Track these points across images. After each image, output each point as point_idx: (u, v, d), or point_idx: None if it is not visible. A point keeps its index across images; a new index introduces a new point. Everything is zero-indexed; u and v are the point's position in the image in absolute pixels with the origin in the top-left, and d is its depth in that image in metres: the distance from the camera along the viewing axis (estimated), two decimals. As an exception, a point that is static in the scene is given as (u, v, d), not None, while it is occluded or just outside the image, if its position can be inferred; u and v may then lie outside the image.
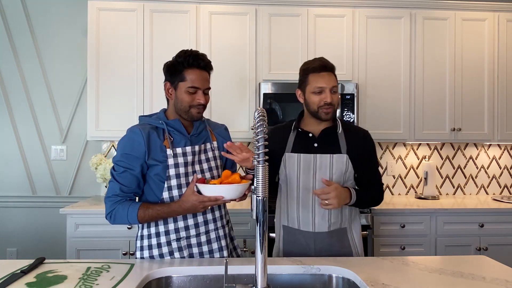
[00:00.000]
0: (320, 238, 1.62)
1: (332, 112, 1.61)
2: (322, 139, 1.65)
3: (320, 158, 1.62)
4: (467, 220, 2.68)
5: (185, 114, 1.50)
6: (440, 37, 2.98)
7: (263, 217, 1.09)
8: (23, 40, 3.13)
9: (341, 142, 1.64)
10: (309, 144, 1.65)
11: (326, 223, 1.62)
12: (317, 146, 1.64)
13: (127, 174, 1.44)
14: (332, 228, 1.63)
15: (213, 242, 1.53)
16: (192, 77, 1.46)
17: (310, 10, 2.88)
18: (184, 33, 2.82)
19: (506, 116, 3.02)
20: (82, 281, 1.22)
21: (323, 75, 1.60)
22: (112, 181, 1.46)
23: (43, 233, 3.13)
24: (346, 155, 1.62)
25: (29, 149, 3.15)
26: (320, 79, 1.60)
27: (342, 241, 1.65)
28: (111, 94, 2.79)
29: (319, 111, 1.61)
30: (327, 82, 1.59)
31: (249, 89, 2.86)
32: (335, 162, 1.61)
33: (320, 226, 1.62)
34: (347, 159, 1.62)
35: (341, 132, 1.66)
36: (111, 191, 1.45)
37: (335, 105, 1.62)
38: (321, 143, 1.65)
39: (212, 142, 1.60)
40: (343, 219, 1.65)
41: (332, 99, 1.60)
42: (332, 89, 1.60)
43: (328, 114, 1.61)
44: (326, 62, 1.64)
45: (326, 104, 1.59)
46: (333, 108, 1.61)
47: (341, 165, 1.62)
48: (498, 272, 1.32)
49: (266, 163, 1.08)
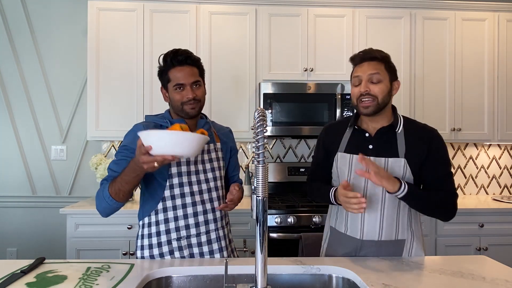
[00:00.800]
0: (367, 246, 1.49)
1: (373, 105, 1.42)
2: (377, 139, 1.48)
3: (374, 161, 1.43)
4: (467, 220, 2.68)
5: (181, 113, 1.51)
6: (440, 37, 2.98)
7: (263, 217, 1.09)
8: (23, 40, 3.13)
9: (399, 143, 1.45)
10: (363, 145, 1.50)
11: (376, 231, 1.46)
12: (372, 147, 1.47)
13: (123, 162, 1.41)
14: (383, 238, 1.47)
15: (214, 242, 1.53)
16: (176, 75, 1.48)
17: (310, 10, 2.89)
18: (184, 33, 2.82)
19: (506, 116, 3.02)
20: (82, 281, 1.22)
21: (361, 65, 1.46)
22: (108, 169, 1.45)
23: (43, 233, 3.13)
24: (404, 159, 1.43)
25: (29, 149, 3.15)
26: (357, 69, 1.46)
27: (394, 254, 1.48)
28: (111, 94, 2.80)
29: (358, 105, 1.46)
30: (363, 71, 1.43)
31: (249, 89, 2.86)
32: (391, 166, 1.43)
33: (369, 234, 1.47)
34: (405, 164, 1.43)
35: (401, 132, 1.47)
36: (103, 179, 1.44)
37: (378, 95, 1.42)
38: (377, 144, 1.47)
39: (216, 143, 1.61)
40: (399, 229, 1.47)
41: (368, 88, 1.42)
42: (370, 78, 1.42)
43: (368, 108, 1.43)
44: (368, 50, 1.47)
45: (362, 95, 1.43)
46: (374, 101, 1.42)
47: (397, 170, 1.43)
48: (498, 272, 1.32)
49: (266, 163, 1.08)
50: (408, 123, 1.51)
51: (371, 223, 1.47)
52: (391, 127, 1.48)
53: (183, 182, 1.48)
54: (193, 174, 1.51)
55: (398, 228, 1.48)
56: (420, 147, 1.44)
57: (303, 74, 2.88)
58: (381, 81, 1.43)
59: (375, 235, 1.47)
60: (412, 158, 1.43)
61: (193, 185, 1.49)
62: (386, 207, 1.46)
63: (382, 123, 1.49)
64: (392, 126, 1.48)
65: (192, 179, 1.50)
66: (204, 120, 1.58)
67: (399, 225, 1.48)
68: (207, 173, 1.54)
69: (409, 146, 1.44)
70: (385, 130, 1.48)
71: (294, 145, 3.26)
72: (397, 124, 1.48)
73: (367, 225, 1.48)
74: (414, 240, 1.50)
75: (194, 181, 1.50)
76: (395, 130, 1.48)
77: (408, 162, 1.43)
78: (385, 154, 1.45)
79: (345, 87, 2.81)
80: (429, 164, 1.44)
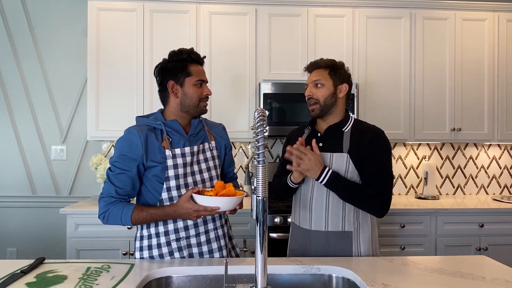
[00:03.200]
0: (317, 237, 1.60)
1: (317, 108, 1.60)
2: (326, 137, 1.63)
3: (321, 156, 1.57)
4: (467, 220, 2.68)
5: (195, 109, 1.52)
6: (440, 37, 2.98)
7: (263, 217, 1.09)
8: (23, 40, 3.13)
9: (344, 140, 1.59)
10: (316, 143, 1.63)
11: (322, 221, 1.58)
12: (322, 145, 1.61)
13: (123, 176, 1.45)
14: (330, 229, 1.58)
15: (213, 241, 1.53)
16: (197, 71, 1.52)
17: (310, 10, 2.89)
18: (184, 33, 2.82)
19: (506, 116, 3.02)
20: (82, 281, 1.22)
21: (310, 74, 1.66)
22: (107, 182, 1.46)
23: (43, 233, 3.13)
24: (347, 154, 1.56)
25: (29, 149, 3.15)
26: (308, 77, 1.66)
27: (343, 245, 1.57)
28: (111, 94, 2.80)
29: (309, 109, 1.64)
30: (309, 79, 1.63)
31: (249, 89, 2.86)
32: (335, 161, 1.57)
33: (317, 225, 1.59)
34: (348, 158, 1.55)
35: (348, 130, 1.61)
36: (106, 191, 1.46)
37: (319, 99, 1.59)
38: (326, 141, 1.62)
39: (210, 142, 1.60)
40: (345, 220, 1.58)
41: (311, 92, 1.60)
42: (314, 84, 1.61)
43: (313, 111, 1.61)
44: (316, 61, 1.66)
45: (308, 99, 1.61)
46: (317, 104, 1.59)
47: (340, 164, 1.56)
48: (498, 272, 1.32)
49: (266, 163, 1.08)
50: (358, 123, 1.64)
51: (317, 213, 1.59)
52: (338, 127, 1.62)
53: (180, 184, 1.47)
54: (190, 176, 1.50)
55: (344, 219, 1.58)
56: (362, 144, 1.57)
57: (303, 74, 2.86)
58: (323, 85, 1.59)
59: (322, 226, 1.58)
60: (354, 154, 1.56)
61: (190, 187, 1.49)
62: (331, 198, 1.57)
63: (331, 123, 1.63)
64: (338, 125, 1.62)
65: (189, 181, 1.50)
66: (197, 119, 1.57)
67: (345, 216, 1.58)
68: (203, 173, 1.54)
69: (353, 143, 1.57)
70: (332, 128, 1.63)
71: (294, 145, 3.26)
72: (345, 124, 1.62)
73: (314, 215, 1.60)
74: (360, 233, 1.59)
75: (191, 182, 1.50)
76: (342, 129, 1.61)
77: (351, 157, 1.55)
78: (331, 150, 1.59)
79: (345, 87, 2.81)
80: (367, 161, 1.55)
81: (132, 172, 1.45)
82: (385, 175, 1.57)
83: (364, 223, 1.60)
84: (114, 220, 1.44)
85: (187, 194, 1.37)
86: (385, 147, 1.60)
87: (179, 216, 1.41)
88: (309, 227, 1.61)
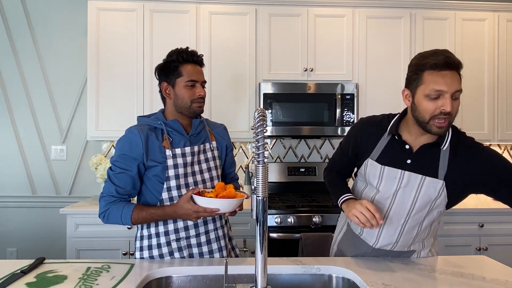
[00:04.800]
0: (378, 253, 1.46)
1: (447, 125, 1.24)
2: (419, 155, 1.33)
3: (408, 176, 1.33)
4: (467, 220, 2.68)
5: (187, 110, 1.50)
6: (440, 37, 2.98)
7: (263, 217, 1.09)
8: (23, 40, 3.13)
9: (441, 162, 1.30)
10: (401, 157, 1.36)
11: (392, 242, 1.42)
12: (410, 162, 1.34)
13: (124, 175, 1.45)
14: (397, 249, 1.44)
15: (213, 242, 1.53)
16: (189, 71, 1.48)
17: (310, 10, 2.88)
18: (184, 33, 2.82)
19: (506, 116, 3.01)
20: (82, 281, 1.22)
21: (444, 74, 1.20)
22: (107, 181, 1.46)
23: (43, 233, 3.12)
24: (443, 181, 1.30)
25: (29, 149, 3.15)
26: (440, 79, 1.20)
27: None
28: (111, 94, 2.80)
29: (430, 122, 1.24)
30: (449, 85, 1.19)
31: (249, 89, 2.86)
32: (426, 185, 1.32)
33: (384, 244, 1.43)
34: (443, 186, 1.30)
35: (446, 149, 1.31)
36: (106, 191, 1.46)
37: (454, 115, 1.23)
38: (417, 160, 1.33)
39: (211, 142, 1.60)
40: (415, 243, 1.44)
41: (452, 107, 1.20)
42: (454, 95, 1.21)
43: (442, 128, 1.23)
44: (450, 55, 1.21)
45: (442, 114, 1.21)
46: (449, 120, 1.23)
47: (432, 191, 1.32)
48: (498, 272, 1.32)
49: (266, 163, 1.08)
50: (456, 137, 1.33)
51: (389, 234, 1.42)
52: (437, 144, 1.32)
53: (180, 184, 1.47)
54: (190, 176, 1.50)
55: (415, 240, 1.44)
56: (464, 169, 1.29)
57: (303, 74, 2.88)
58: (458, 98, 1.23)
59: (390, 246, 1.44)
60: (452, 180, 1.30)
61: (190, 187, 1.49)
62: (409, 223, 1.39)
63: (429, 139, 1.33)
64: (437, 144, 1.32)
65: (189, 181, 1.49)
66: (198, 119, 1.56)
67: (415, 239, 1.44)
68: (204, 174, 1.54)
69: (451, 167, 1.30)
70: (429, 147, 1.33)
71: (294, 145, 3.26)
72: (444, 140, 1.32)
73: (384, 235, 1.42)
74: (422, 251, 1.48)
75: (191, 182, 1.50)
76: (440, 147, 1.33)
77: (447, 185, 1.31)
78: (423, 172, 1.32)
79: (345, 87, 2.81)
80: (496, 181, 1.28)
81: (132, 171, 1.45)
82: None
83: (429, 242, 1.48)
84: (114, 219, 1.44)
85: (187, 195, 1.37)
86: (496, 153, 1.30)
87: (179, 216, 1.41)
88: (374, 244, 1.44)
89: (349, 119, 2.81)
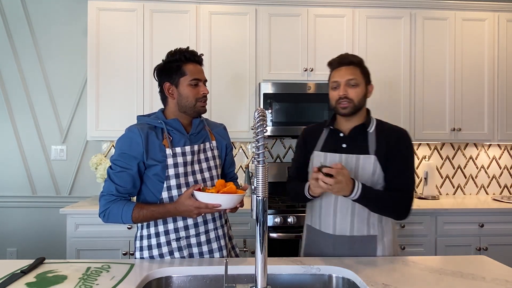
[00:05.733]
0: (342, 242, 1.53)
1: (350, 107, 1.51)
2: (351, 138, 1.56)
3: (346, 158, 1.53)
4: (467, 220, 2.68)
5: (191, 110, 1.51)
6: (440, 37, 2.98)
7: (263, 217, 1.09)
8: (23, 40, 3.13)
9: (370, 141, 1.53)
10: (338, 143, 1.58)
11: (347, 225, 1.52)
12: (345, 146, 1.56)
13: (124, 174, 1.45)
14: (356, 234, 1.52)
15: (213, 241, 1.53)
16: (192, 70, 1.50)
17: (310, 10, 2.89)
18: (184, 33, 2.82)
19: (506, 116, 3.02)
20: (82, 281, 1.22)
21: (339, 70, 1.55)
22: (108, 180, 1.46)
23: (43, 233, 3.13)
24: (374, 156, 1.50)
25: (29, 149, 3.15)
26: (336, 74, 1.55)
27: (368, 249, 1.52)
28: (111, 94, 2.80)
29: (337, 107, 1.55)
30: (341, 76, 1.53)
31: (249, 89, 2.86)
32: (362, 163, 1.51)
33: (341, 230, 1.53)
34: (375, 160, 1.50)
35: (373, 131, 1.55)
36: (106, 189, 1.46)
37: (354, 99, 1.51)
38: (350, 143, 1.55)
39: (211, 141, 1.60)
40: (370, 226, 1.53)
41: (346, 91, 1.51)
42: (347, 83, 1.51)
43: (346, 109, 1.52)
44: (346, 55, 1.56)
45: (341, 98, 1.52)
46: (350, 103, 1.51)
47: (368, 166, 1.50)
48: (498, 272, 1.32)
49: (266, 163, 1.08)
50: (380, 124, 1.60)
51: (343, 218, 1.53)
52: (363, 127, 1.56)
53: (180, 183, 1.47)
54: (190, 175, 1.50)
55: (370, 223, 1.53)
56: (389, 144, 1.52)
57: (303, 74, 2.88)
58: (357, 85, 1.53)
59: (347, 230, 1.53)
60: (380, 155, 1.51)
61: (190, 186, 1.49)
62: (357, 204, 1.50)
63: (355, 123, 1.57)
64: (364, 126, 1.56)
65: (189, 180, 1.50)
66: (198, 119, 1.57)
67: (370, 220, 1.53)
68: (204, 173, 1.54)
69: (379, 144, 1.52)
70: (357, 129, 1.56)
71: (294, 145, 3.26)
72: (369, 124, 1.57)
73: (339, 221, 1.54)
74: (385, 236, 1.55)
75: (191, 181, 1.50)
76: (367, 130, 1.56)
77: (378, 159, 1.50)
78: (357, 152, 1.53)
79: (345, 87, 2.81)
80: (391, 162, 1.51)
81: (132, 170, 1.45)
82: (410, 177, 1.52)
83: (387, 226, 1.57)
84: (114, 218, 1.44)
85: (188, 191, 1.37)
86: (410, 148, 1.54)
87: (180, 213, 1.41)
88: (333, 231, 1.54)
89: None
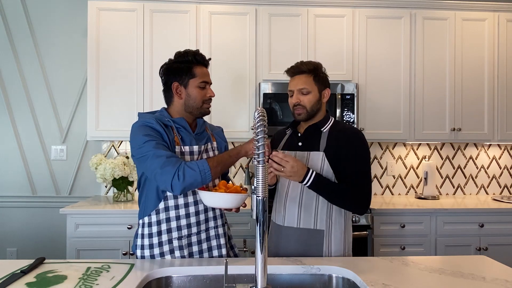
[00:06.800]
0: (289, 233, 1.62)
1: (304, 113, 1.62)
2: (305, 137, 1.67)
3: (300, 155, 1.64)
4: (467, 220, 2.68)
5: (197, 110, 1.54)
6: (440, 37, 2.98)
7: (263, 217, 1.09)
8: (23, 40, 3.13)
9: (322, 140, 1.63)
10: (295, 142, 1.69)
11: (295, 218, 1.61)
12: (301, 144, 1.67)
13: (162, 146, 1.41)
14: (302, 226, 1.60)
15: (212, 239, 1.54)
16: (201, 73, 1.53)
17: (310, 10, 2.88)
18: (184, 33, 2.82)
19: (506, 116, 3.02)
20: (82, 281, 1.22)
21: (293, 79, 1.66)
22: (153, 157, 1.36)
23: (43, 233, 3.13)
24: (323, 152, 1.59)
25: (29, 149, 3.15)
26: (291, 83, 1.66)
27: (314, 243, 1.58)
28: (111, 94, 2.80)
29: (294, 112, 1.65)
30: (295, 85, 1.64)
31: (249, 89, 2.86)
32: (311, 159, 1.61)
33: (289, 221, 1.62)
34: (323, 157, 1.59)
35: (326, 131, 1.65)
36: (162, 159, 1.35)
37: (306, 105, 1.61)
38: (304, 141, 1.66)
39: (212, 142, 1.63)
40: (317, 219, 1.59)
41: (298, 99, 1.61)
42: (300, 91, 1.62)
43: (300, 115, 1.63)
44: (298, 65, 1.66)
45: (295, 105, 1.63)
46: (303, 109, 1.61)
47: (316, 162, 1.59)
48: (498, 272, 1.32)
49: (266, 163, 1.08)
50: (336, 124, 1.68)
51: (290, 209, 1.62)
52: (317, 127, 1.65)
53: None
54: None
55: (317, 217, 1.59)
56: (339, 143, 1.60)
57: (303, 74, 2.87)
58: (309, 92, 1.62)
59: (294, 222, 1.61)
60: (330, 152, 1.59)
61: None
62: (304, 196, 1.60)
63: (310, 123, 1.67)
64: (317, 126, 1.65)
65: None
66: (202, 119, 1.60)
67: (317, 214, 1.60)
68: None
69: (329, 142, 1.61)
70: (311, 129, 1.66)
71: (294, 145, 3.26)
72: (324, 124, 1.66)
73: (288, 213, 1.63)
74: (332, 232, 1.60)
75: None
76: (321, 129, 1.65)
77: (326, 156, 1.59)
78: (309, 149, 1.63)
79: (345, 87, 2.81)
80: (344, 160, 1.58)
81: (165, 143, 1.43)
82: (362, 174, 1.60)
83: (337, 223, 1.61)
84: (191, 173, 1.34)
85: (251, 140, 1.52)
86: (363, 146, 1.62)
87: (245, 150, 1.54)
88: (282, 223, 1.65)
89: (349, 119, 2.80)
